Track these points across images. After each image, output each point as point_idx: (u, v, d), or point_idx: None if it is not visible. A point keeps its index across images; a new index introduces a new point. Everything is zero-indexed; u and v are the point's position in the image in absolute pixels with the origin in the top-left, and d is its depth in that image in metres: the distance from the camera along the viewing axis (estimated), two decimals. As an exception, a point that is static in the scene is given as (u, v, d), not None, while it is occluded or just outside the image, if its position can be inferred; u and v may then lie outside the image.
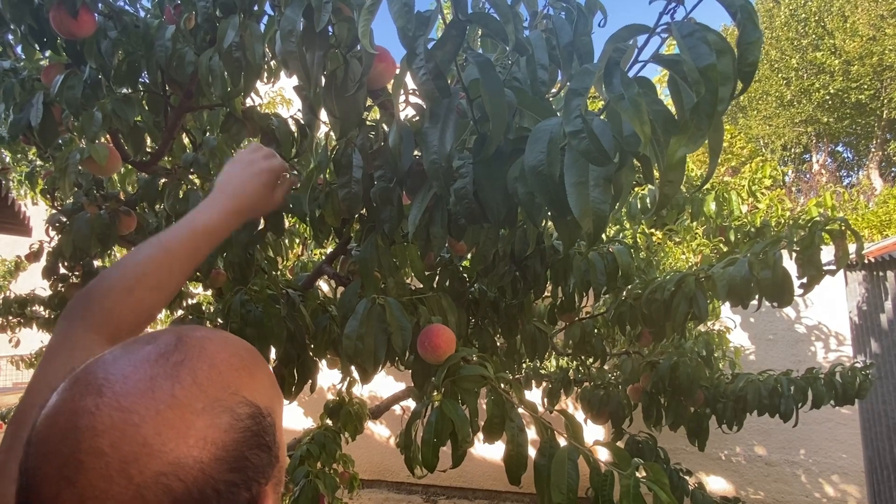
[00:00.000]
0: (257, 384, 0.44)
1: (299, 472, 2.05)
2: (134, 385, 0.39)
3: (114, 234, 1.53)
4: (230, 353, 0.44)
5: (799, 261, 1.30)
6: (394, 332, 1.03)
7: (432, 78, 0.63)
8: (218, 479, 0.38)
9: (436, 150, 0.68)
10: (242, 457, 0.39)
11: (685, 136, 0.50)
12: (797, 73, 16.95)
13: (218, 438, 0.38)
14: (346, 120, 0.86)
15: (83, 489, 0.36)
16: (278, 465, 0.44)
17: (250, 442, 0.40)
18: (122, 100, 1.28)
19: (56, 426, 0.38)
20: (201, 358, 0.42)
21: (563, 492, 0.86)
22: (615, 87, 0.49)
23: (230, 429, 0.39)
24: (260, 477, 0.41)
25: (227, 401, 0.40)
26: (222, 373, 0.42)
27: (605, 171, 0.55)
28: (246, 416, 0.41)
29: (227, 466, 0.38)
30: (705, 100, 0.49)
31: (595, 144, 0.51)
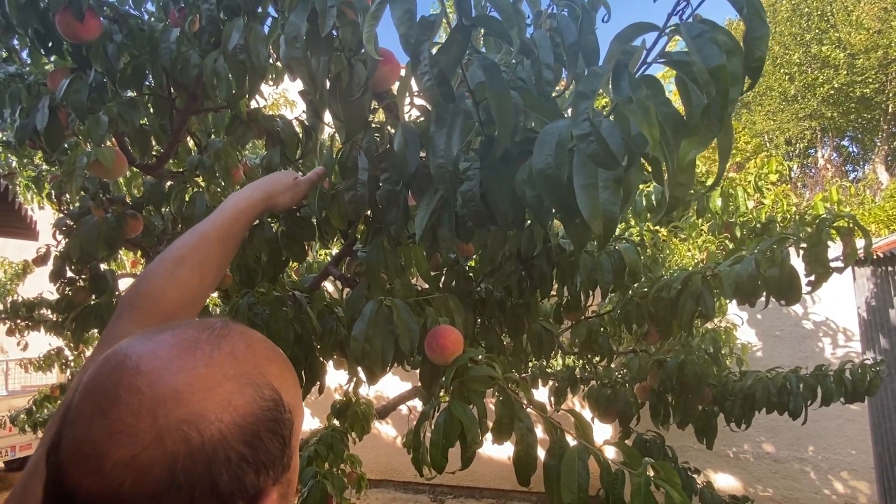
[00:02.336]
0: (284, 381, 0.46)
1: (307, 472, 2.06)
2: (180, 342, 0.43)
3: (120, 237, 1.54)
4: (267, 346, 0.48)
5: (806, 258, 1.29)
6: (401, 334, 1.03)
7: (437, 84, 0.63)
8: (231, 445, 0.39)
9: (442, 154, 0.68)
10: (258, 434, 0.41)
11: (696, 139, 0.50)
12: (800, 67, 16.85)
13: (240, 405, 0.41)
14: (351, 123, 0.86)
15: (113, 422, 0.38)
16: (288, 473, 0.45)
17: (268, 424, 0.42)
18: (127, 103, 1.28)
19: (106, 364, 0.42)
20: (242, 338, 0.46)
21: (574, 491, 0.85)
22: (623, 89, 0.49)
23: (252, 401, 0.41)
24: (270, 467, 0.41)
25: (256, 378, 0.43)
26: (256, 355, 0.45)
27: (614, 173, 0.55)
28: (269, 398, 0.43)
29: (242, 437, 0.40)
30: (716, 101, 0.48)
31: (603, 148, 0.51)
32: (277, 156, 1.37)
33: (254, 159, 1.92)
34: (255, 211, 0.90)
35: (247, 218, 0.89)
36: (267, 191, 0.91)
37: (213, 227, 0.84)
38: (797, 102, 17.14)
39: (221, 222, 0.84)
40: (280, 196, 0.93)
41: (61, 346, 4.31)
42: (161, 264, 0.79)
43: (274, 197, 0.92)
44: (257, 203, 0.90)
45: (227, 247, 0.86)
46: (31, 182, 2.79)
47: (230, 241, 0.86)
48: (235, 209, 0.86)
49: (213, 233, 0.83)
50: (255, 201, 0.89)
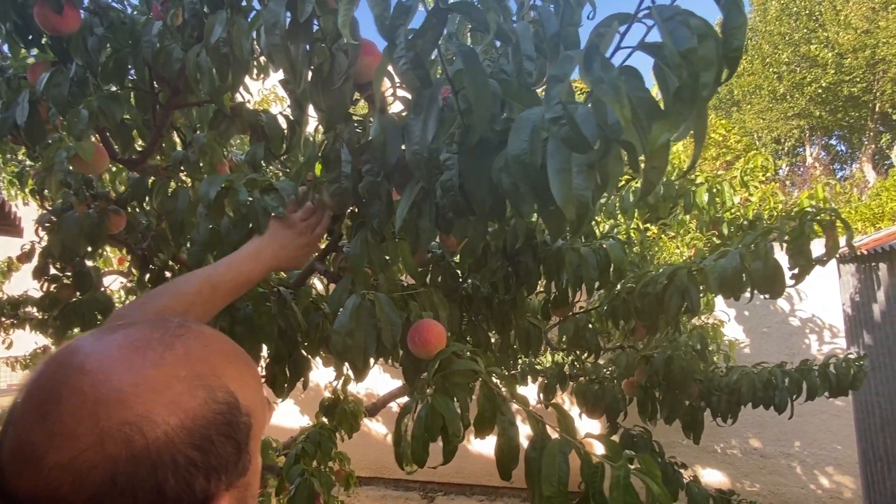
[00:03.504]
0: (243, 383, 0.45)
1: (295, 470, 2.04)
2: (130, 342, 0.42)
3: (103, 233, 1.52)
4: (227, 348, 0.47)
5: (789, 251, 1.30)
6: (383, 328, 1.03)
7: (412, 67, 0.62)
8: (179, 448, 0.38)
9: (417, 141, 0.67)
10: (209, 438, 0.40)
11: (667, 122, 0.49)
12: (789, 66, 17.00)
13: (190, 408, 0.39)
14: (332, 114, 0.85)
15: (53, 423, 0.37)
16: (246, 476, 0.44)
17: (221, 428, 0.41)
18: (108, 97, 1.26)
19: (52, 363, 0.41)
20: (198, 339, 0.44)
21: (554, 485, 0.85)
22: (595, 71, 0.49)
23: (204, 404, 0.40)
24: (222, 472, 0.40)
25: (209, 380, 0.42)
26: (213, 356, 0.44)
27: (588, 158, 0.55)
28: (223, 400, 0.42)
29: (191, 440, 0.39)
30: (687, 84, 0.48)
31: (575, 131, 0.50)
32: (262, 151, 1.36)
33: (240, 155, 1.91)
34: (260, 279, 0.98)
35: (254, 283, 0.96)
36: (280, 268, 1.02)
37: (226, 284, 0.88)
38: (786, 101, 17.30)
39: (233, 284, 0.90)
40: (288, 265, 1.03)
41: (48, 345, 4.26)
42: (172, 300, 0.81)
43: (282, 267, 1.04)
44: (264, 273, 0.97)
45: (225, 302, 0.91)
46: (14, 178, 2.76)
47: (229, 300, 0.91)
48: (249, 277, 0.92)
49: (223, 288, 0.88)
50: (263, 272, 0.96)
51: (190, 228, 1.28)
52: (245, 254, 0.94)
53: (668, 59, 0.49)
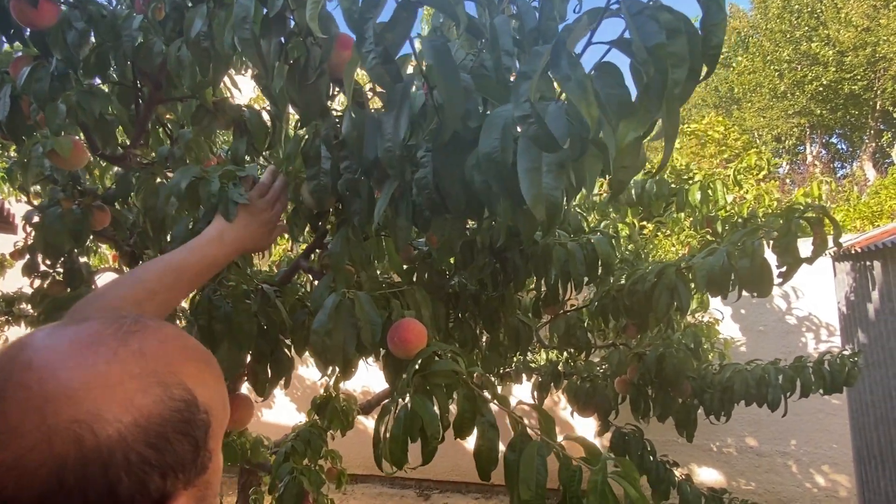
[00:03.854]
0: (201, 380, 0.44)
1: (284, 468, 2.04)
2: (82, 337, 0.41)
3: (86, 229, 1.50)
4: (185, 344, 0.46)
5: (776, 249, 1.28)
6: (363, 327, 1.01)
7: (382, 62, 0.61)
8: (132, 446, 0.37)
9: (390, 138, 0.65)
10: (164, 436, 0.39)
11: (635, 119, 0.48)
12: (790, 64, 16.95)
13: (143, 406, 0.38)
14: (307, 109, 0.84)
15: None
16: (204, 476, 0.43)
17: (177, 426, 0.40)
18: (87, 91, 1.25)
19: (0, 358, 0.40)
20: (155, 335, 0.43)
21: (532, 488, 0.84)
22: (563, 68, 0.47)
23: (159, 402, 0.39)
24: (179, 470, 0.39)
25: (165, 377, 0.41)
26: (169, 353, 0.43)
27: (559, 157, 0.53)
28: (179, 398, 0.40)
29: (145, 438, 0.38)
30: (655, 80, 0.47)
31: (543, 129, 0.49)
32: (244, 146, 1.34)
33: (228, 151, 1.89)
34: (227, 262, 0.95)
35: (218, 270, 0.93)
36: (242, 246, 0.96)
37: (190, 269, 0.85)
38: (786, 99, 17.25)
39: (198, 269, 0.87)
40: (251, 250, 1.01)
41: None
42: (131, 290, 0.79)
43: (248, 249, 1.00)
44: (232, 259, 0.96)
45: (192, 289, 0.89)
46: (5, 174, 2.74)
47: (196, 286, 0.89)
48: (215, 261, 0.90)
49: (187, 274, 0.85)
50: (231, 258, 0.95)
51: (171, 224, 1.26)
52: (208, 237, 0.92)
53: (636, 54, 0.47)
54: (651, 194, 2.20)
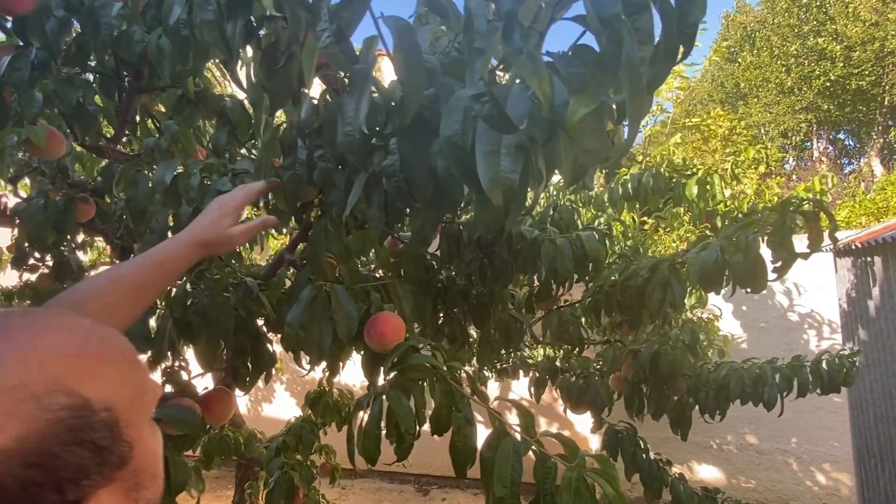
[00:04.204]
0: (98, 376, 0.40)
1: (274, 463, 2.02)
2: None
3: (70, 221, 1.48)
4: (69, 340, 0.41)
5: (770, 243, 1.25)
6: (339, 320, 0.99)
7: (336, 41, 0.58)
8: (10, 472, 0.34)
9: (350, 122, 0.63)
10: (47, 452, 0.35)
11: (586, 95, 0.45)
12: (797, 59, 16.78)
13: (10, 427, 0.34)
14: (276, 96, 0.81)
15: None
16: (128, 466, 0.40)
17: (63, 437, 0.36)
18: (64, 80, 1.22)
19: None
20: (23, 339, 0.38)
21: (507, 485, 0.82)
22: (514, 41, 0.44)
23: (30, 419, 0.35)
24: (81, 478, 0.37)
25: (36, 388, 0.36)
26: (43, 358, 0.38)
27: (517, 139, 0.50)
28: (60, 407, 0.37)
29: (23, 460, 0.34)
30: (608, 52, 0.44)
31: (496, 108, 0.46)
32: (225, 136, 1.32)
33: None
34: (186, 263, 0.84)
35: (175, 269, 0.82)
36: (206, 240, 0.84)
37: (130, 271, 0.77)
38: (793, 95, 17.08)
39: (145, 267, 0.78)
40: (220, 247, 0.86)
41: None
42: (66, 302, 0.72)
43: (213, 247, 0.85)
44: (192, 255, 0.84)
45: (143, 294, 0.78)
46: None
47: (147, 290, 0.79)
48: (163, 257, 0.80)
49: (128, 277, 0.77)
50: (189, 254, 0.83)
51: (150, 216, 1.24)
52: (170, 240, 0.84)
53: (591, 25, 0.44)
54: (647, 188, 2.16)
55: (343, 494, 4.93)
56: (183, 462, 1.14)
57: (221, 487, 5.16)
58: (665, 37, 0.58)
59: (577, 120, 0.44)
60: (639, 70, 0.48)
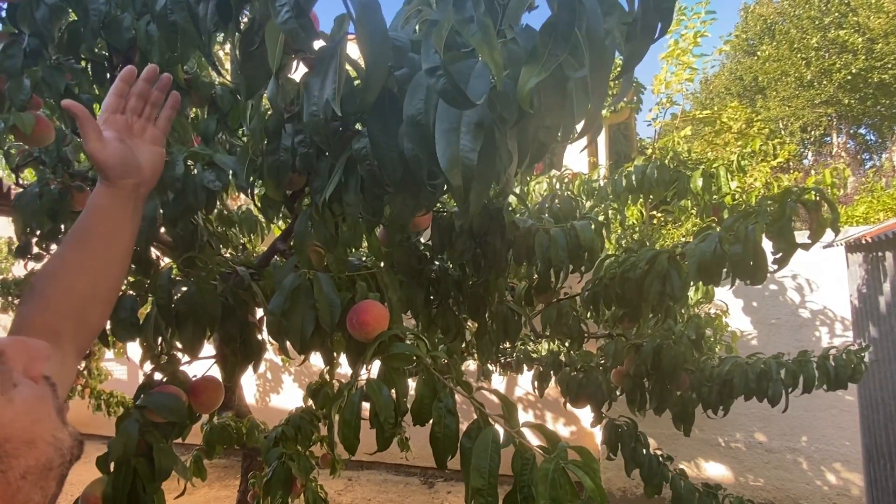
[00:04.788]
0: None
1: (272, 453, 2.03)
2: None
3: (65, 209, 1.49)
4: None
5: (770, 234, 1.21)
6: (321, 309, 0.98)
7: (294, 15, 0.56)
8: None
9: (315, 101, 0.61)
10: None
11: (538, 63, 0.43)
12: (818, 52, 16.43)
13: None
14: (251, 78, 0.80)
15: None
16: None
17: None
18: (53, 67, 1.22)
19: None
20: None
21: (484, 476, 0.80)
22: (466, 9, 0.42)
23: None
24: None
25: None
26: None
27: (477, 116, 0.48)
28: None
29: None
30: (561, 18, 0.41)
31: (451, 83, 0.44)
32: (214, 124, 1.31)
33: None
34: (123, 208, 0.76)
35: (118, 216, 0.76)
36: (110, 176, 0.75)
37: (77, 228, 0.74)
38: (813, 88, 16.74)
39: (87, 218, 0.75)
40: (138, 171, 0.77)
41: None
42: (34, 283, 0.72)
43: (128, 175, 0.76)
44: (119, 197, 0.76)
45: (100, 247, 0.74)
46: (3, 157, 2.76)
47: (100, 241, 0.75)
48: (90, 203, 0.75)
49: (78, 234, 0.74)
50: (114, 196, 0.75)
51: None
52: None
53: (544, -9, 0.42)
54: (651, 180, 2.12)
55: (349, 486, 4.95)
56: (168, 449, 1.14)
57: (230, 477, 5.21)
58: (643, 12, 0.55)
59: (527, 90, 0.41)
60: (602, 42, 0.45)
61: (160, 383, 1.19)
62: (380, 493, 4.78)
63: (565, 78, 0.47)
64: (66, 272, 0.72)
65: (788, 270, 3.81)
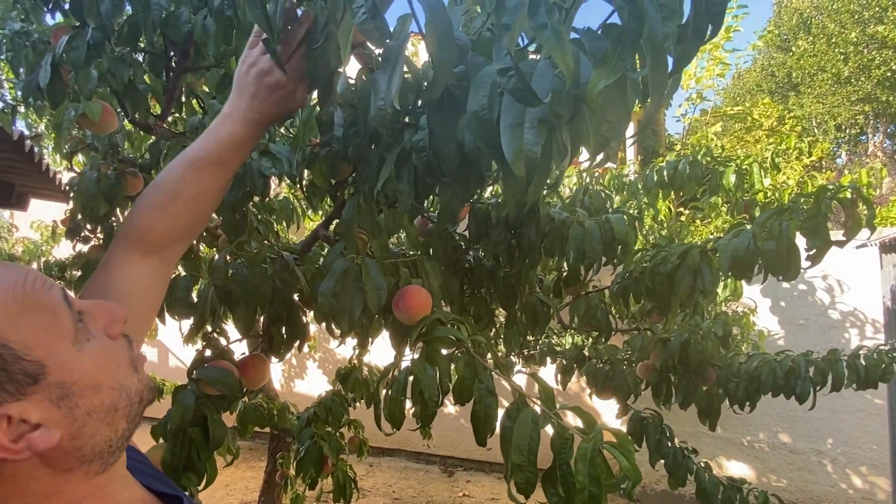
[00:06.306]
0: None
1: (305, 433, 2.11)
2: None
3: (120, 194, 1.57)
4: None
5: (805, 231, 1.23)
6: (369, 292, 1.03)
7: (371, 17, 0.61)
8: None
9: (383, 97, 0.66)
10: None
11: (606, 67, 0.46)
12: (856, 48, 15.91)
13: None
14: (314, 75, 0.84)
15: None
16: (45, 381, 0.45)
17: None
18: (117, 59, 1.30)
19: None
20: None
21: (524, 454, 0.85)
22: (539, 16, 0.46)
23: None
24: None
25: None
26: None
27: (541, 112, 0.52)
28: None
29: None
30: (629, 26, 0.45)
31: (522, 82, 0.48)
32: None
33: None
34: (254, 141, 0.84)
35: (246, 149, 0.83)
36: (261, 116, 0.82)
37: (209, 160, 0.80)
38: (850, 85, 16.23)
39: (219, 154, 0.80)
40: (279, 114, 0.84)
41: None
42: (155, 195, 0.79)
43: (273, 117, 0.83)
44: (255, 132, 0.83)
45: (224, 178, 0.83)
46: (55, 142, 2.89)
47: (227, 173, 0.83)
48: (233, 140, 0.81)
49: (208, 165, 0.80)
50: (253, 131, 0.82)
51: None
52: (218, 118, 0.83)
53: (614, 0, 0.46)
54: (683, 176, 2.13)
55: (370, 471, 5.06)
56: (221, 421, 1.22)
57: (255, 458, 5.37)
58: (694, 15, 0.59)
59: (596, 93, 0.45)
60: (662, 46, 0.49)
61: (212, 359, 1.27)
62: (400, 480, 4.87)
63: (625, 77, 0.51)
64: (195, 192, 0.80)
65: (819, 270, 3.76)
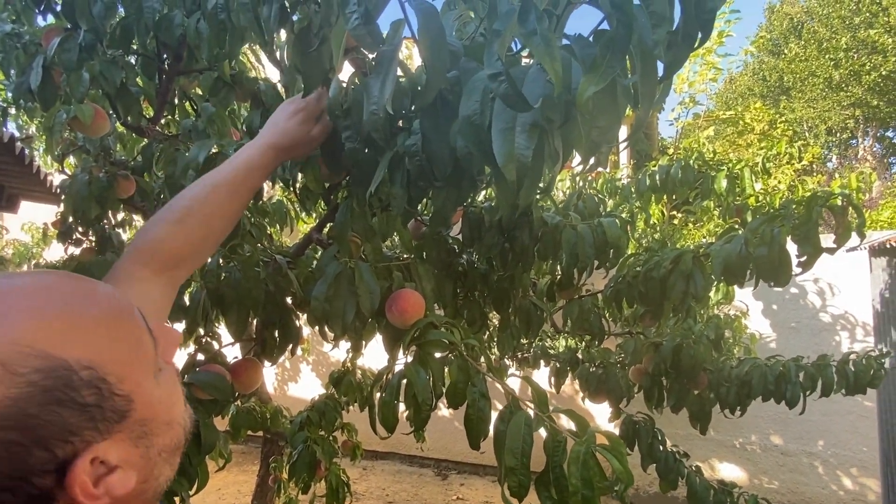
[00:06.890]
0: (77, 337, 0.41)
1: (298, 437, 2.10)
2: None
3: (112, 196, 1.56)
4: (45, 303, 0.41)
5: (795, 238, 1.24)
6: (362, 296, 1.03)
7: (363, 23, 0.61)
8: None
9: (375, 101, 0.66)
10: (25, 414, 0.37)
11: (596, 74, 0.47)
12: (847, 53, 16.08)
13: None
14: (309, 78, 0.85)
15: None
16: (130, 418, 0.42)
17: (39, 398, 0.37)
18: (109, 61, 1.29)
19: None
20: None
21: (517, 457, 0.85)
22: (529, 23, 0.46)
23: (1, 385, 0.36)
24: (69, 435, 0.38)
25: (3, 355, 0.37)
26: (13, 324, 0.38)
27: (532, 117, 0.53)
28: (32, 370, 0.37)
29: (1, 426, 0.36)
30: (618, 33, 0.45)
31: (512, 88, 0.48)
32: (258, 118, 1.37)
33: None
34: (267, 169, 0.90)
35: (260, 174, 0.89)
36: (279, 145, 0.89)
37: (224, 180, 0.84)
38: (841, 90, 16.40)
39: (233, 175, 0.85)
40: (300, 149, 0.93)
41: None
42: (170, 212, 0.80)
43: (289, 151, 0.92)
44: (270, 160, 0.89)
45: (238, 200, 0.86)
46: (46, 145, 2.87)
47: (241, 196, 0.86)
48: (248, 163, 0.86)
49: (223, 186, 0.83)
50: (268, 160, 0.89)
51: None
52: (244, 146, 0.90)
53: (602, 6, 0.46)
54: (675, 180, 2.14)
55: (364, 475, 5.04)
56: (213, 425, 1.21)
57: (248, 462, 5.33)
58: (684, 22, 0.59)
59: (586, 98, 0.46)
60: (652, 52, 0.50)
61: (204, 363, 1.26)
62: (394, 483, 4.86)
63: (615, 83, 0.51)
64: (209, 211, 0.81)
65: (810, 274, 3.80)
